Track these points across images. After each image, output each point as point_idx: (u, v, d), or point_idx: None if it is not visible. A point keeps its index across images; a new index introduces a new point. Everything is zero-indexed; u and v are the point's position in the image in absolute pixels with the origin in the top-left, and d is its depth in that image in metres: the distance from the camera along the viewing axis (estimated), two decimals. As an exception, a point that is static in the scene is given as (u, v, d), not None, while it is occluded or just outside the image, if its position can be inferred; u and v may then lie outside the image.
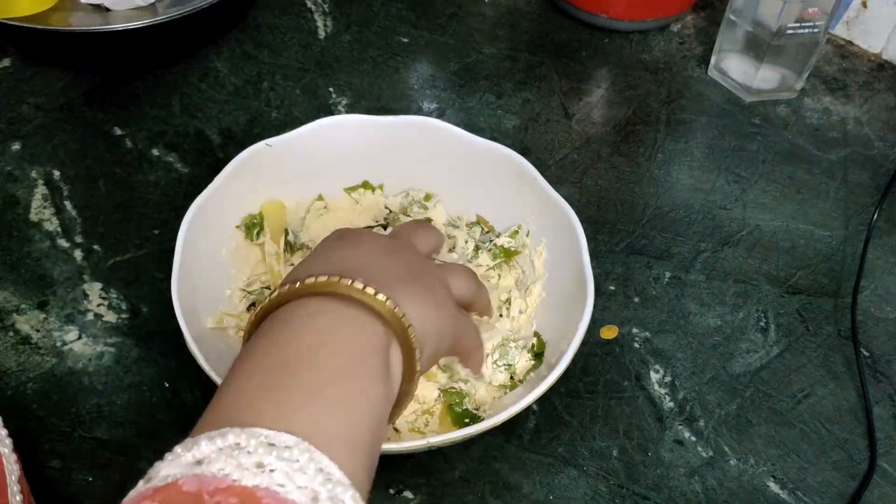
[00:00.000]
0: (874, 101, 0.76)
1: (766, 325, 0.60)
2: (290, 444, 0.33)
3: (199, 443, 0.33)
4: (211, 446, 0.32)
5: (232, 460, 0.32)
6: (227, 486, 0.31)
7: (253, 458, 0.32)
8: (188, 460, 0.32)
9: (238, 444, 0.32)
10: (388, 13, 0.79)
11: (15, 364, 0.54)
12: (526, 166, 0.57)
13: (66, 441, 0.51)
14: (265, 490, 0.31)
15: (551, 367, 0.48)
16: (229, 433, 0.33)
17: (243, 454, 0.32)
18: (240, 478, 0.31)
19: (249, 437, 0.33)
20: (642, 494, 0.52)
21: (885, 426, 0.56)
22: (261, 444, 0.32)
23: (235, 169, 0.55)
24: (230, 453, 0.32)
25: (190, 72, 0.72)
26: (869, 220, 0.65)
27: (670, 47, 0.79)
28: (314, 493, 0.32)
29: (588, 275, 0.52)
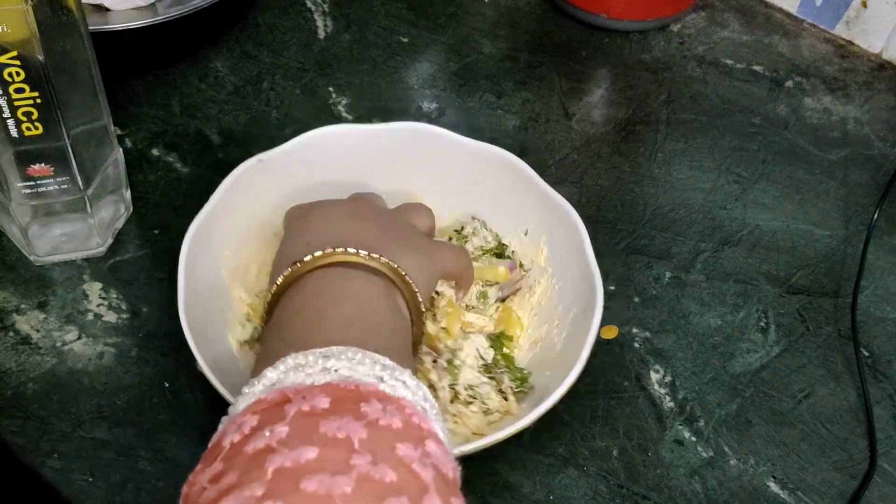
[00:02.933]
0: (874, 101, 0.76)
1: (767, 325, 0.60)
2: (343, 350, 0.37)
3: (264, 375, 0.37)
4: (276, 372, 0.37)
5: (300, 373, 0.36)
6: (305, 387, 0.35)
7: (316, 367, 0.36)
8: (260, 389, 0.36)
9: (299, 363, 0.37)
10: (388, 13, 0.79)
11: (15, 364, 0.54)
12: (521, 166, 0.57)
13: (66, 441, 0.51)
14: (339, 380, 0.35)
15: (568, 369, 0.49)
16: (288, 358, 0.37)
17: (307, 367, 0.36)
18: (313, 381, 0.35)
19: (307, 356, 0.37)
20: (642, 494, 0.52)
21: (885, 426, 0.56)
22: (319, 357, 0.37)
23: (228, 189, 0.55)
24: (296, 370, 0.36)
25: (190, 72, 0.72)
26: (869, 220, 0.65)
27: (670, 47, 0.79)
28: (378, 376, 0.36)
29: (594, 270, 0.52)
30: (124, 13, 0.66)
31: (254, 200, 0.56)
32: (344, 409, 0.33)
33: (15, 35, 0.48)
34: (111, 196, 0.60)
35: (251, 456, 0.32)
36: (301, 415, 0.33)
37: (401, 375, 0.37)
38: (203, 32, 0.73)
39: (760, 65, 0.78)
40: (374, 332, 0.42)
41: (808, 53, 0.79)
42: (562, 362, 0.51)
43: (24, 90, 0.50)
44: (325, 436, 0.32)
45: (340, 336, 0.40)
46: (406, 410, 0.35)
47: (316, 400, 0.34)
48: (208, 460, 0.34)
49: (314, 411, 0.33)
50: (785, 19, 0.82)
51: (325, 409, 0.33)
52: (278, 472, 0.30)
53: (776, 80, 0.77)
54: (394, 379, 0.36)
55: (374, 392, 0.35)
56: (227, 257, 0.55)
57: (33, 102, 0.51)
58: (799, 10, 0.81)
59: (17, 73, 0.49)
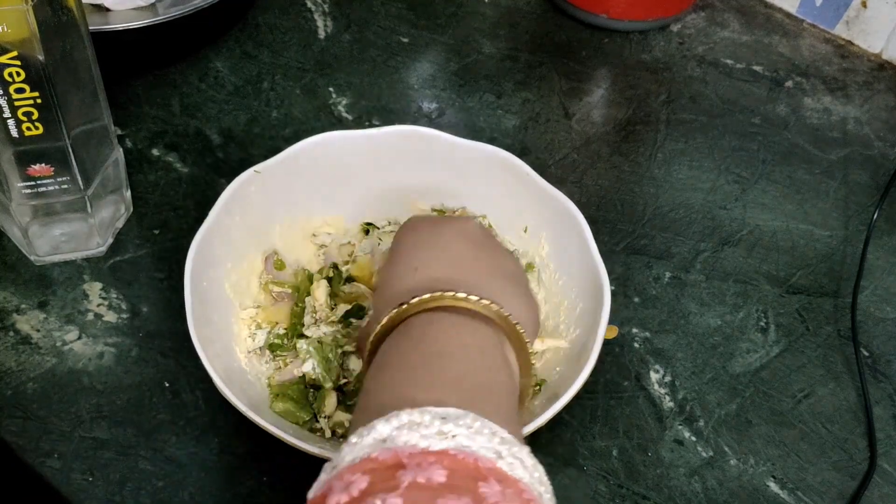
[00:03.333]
0: (874, 101, 0.76)
1: (766, 325, 0.60)
2: (462, 415, 0.34)
3: (374, 426, 0.34)
4: (388, 426, 0.34)
5: (415, 433, 0.33)
6: (420, 451, 0.32)
7: (432, 429, 0.33)
8: (370, 442, 0.34)
9: (414, 420, 0.34)
10: (388, 13, 0.79)
11: (15, 364, 0.54)
12: (518, 164, 0.57)
13: (66, 441, 0.51)
14: (456, 449, 0.32)
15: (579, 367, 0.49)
16: (402, 414, 0.34)
17: (422, 427, 0.33)
18: (428, 445, 0.33)
19: (423, 414, 0.34)
20: (642, 494, 0.52)
21: (885, 426, 0.56)
22: (436, 418, 0.34)
23: (227, 201, 0.54)
24: (410, 428, 0.33)
25: (190, 72, 0.72)
26: (869, 219, 0.65)
27: (670, 47, 0.79)
28: (497, 451, 0.33)
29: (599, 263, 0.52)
30: (124, 13, 0.66)
31: (253, 211, 0.56)
32: (462, 488, 0.31)
33: (15, 35, 0.48)
34: (111, 196, 0.60)
35: None
36: (416, 487, 0.30)
37: (519, 452, 0.34)
38: (203, 32, 0.73)
39: (760, 65, 0.78)
40: (487, 392, 0.39)
41: (808, 53, 0.79)
42: (573, 359, 0.51)
43: (25, 90, 0.50)
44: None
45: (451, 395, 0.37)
46: (524, 496, 0.32)
47: (432, 471, 0.31)
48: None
49: (430, 485, 0.31)
50: (785, 19, 0.82)
51: (442, 483, 0.31)
52: None
53: (776, 80, 0.77)
54: (512, 456, 0.34)
55: (493, 470, 0.32)
56: (228, 269, 0.54)
57: (33, 102, 0.51)
58: (799, 10, 0.81)
59: (17, 73, 0.49)
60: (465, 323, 0.43)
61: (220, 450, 0.52)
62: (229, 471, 0.51)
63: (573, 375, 0.48)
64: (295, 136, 0.68)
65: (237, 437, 0.52)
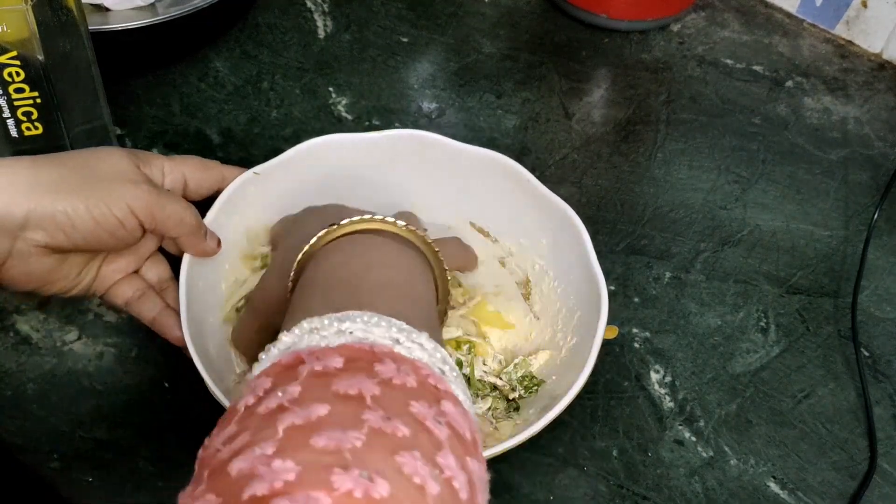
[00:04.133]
0: (874, 101, 0.76)
1: (767, 325, 0.60)
2: (360, 314, 0.37)
3: (280, 340, 0.37)
4: (290, 336, 0.36)
5: (314, 336, 0.36)
6: (320, 349, 0.34)
7: (331, 330, 0.36)
8: (275, 353, 0.36)
9: (314, 327, 0.36)
10: (388, 13, 0.79)
11: (15, 364, 0.54)
12: (519, 169, 0.57)
13: (66, 441, 0.51)
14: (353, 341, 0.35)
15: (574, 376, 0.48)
16: (303, 322, 0.37)
17: (322, 331, 0.36)
18: (327, 344, 0.35)
19: (322, 319, 0.36)
20: (642, 494, 0.52)
21: (885, 426, 0.56)
22: (334, 320, 0.36)
23: (226, 203, 0.54)
24: (310, 333, 0.36)
25: (190, 72, 0.72)
26: (869, 219, 0.65)
27: (670, 47, 0.79)
28: (394, 339, 0.36)
29: (597, 271, 0.52)
30: (124, 13, 0.66)
31: (251, 213, 0.56)
32: (357, 369, 0.33)
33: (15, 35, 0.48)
34: (111, 196, 0.59)
35: (263, 416, 0.32)
36: (314, 374, 0.33)
37: (417, 338, 0.36)
38: (203, 32, 0.73)
39: (760, 65, 0.78)
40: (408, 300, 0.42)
41: (808, 53, 0.79)
42: (569, 366, 0.51)
43: (24, 90, 0.50)
44: (337, 393, 0.32)
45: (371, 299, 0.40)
46: (421, 371, 0.34)
47: (329, 360, 0.33)
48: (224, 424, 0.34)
49: (327, 371, 0.33)
50: (785, 19, 0.82)
51: (339, 368, 0.33)
52: (289, 430, 0.30)
53: (776, 80, 0.77)
54: (410, 341, 0.36)
55: (389, 353, 0.35)
56: (226, 270, 0.54)
57: (33, 102, 0.51)
58: (799, 10, 0.81)
59: (17, 73, 0.49)
60: (391, 244, 0.46)
61: (220, 450, 0.52)
62: (229, 471, 0.51)
63: (569, 384, 0.48)
64: (295, 135, 0.68)
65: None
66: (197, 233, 0.50)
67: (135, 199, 0.47)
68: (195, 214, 0.50)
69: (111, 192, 0.46)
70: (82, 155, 0.48)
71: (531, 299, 0.57)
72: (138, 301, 0.51)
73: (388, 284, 0.43)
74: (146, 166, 0.50)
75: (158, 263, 0.53)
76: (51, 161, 0.46)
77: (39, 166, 0.45)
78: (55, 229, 0.45)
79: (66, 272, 0.48)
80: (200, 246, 0.51)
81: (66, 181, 0.45)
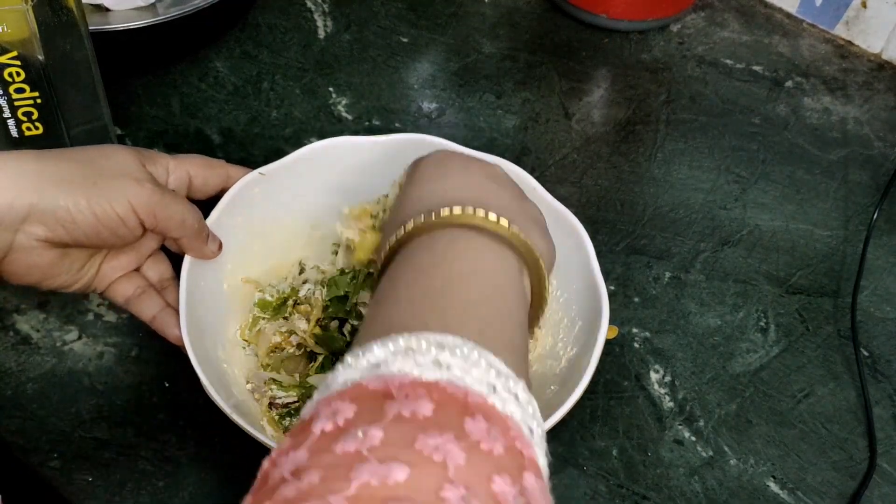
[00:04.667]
0: (874, 101, 0.76)
1: (766, 325, 0.60)
2: (460, 344, 0.34)
3: (371, 349, 0.34)
4: (384, 350, 0.34)
5: (409, 360, 0.33)
6: (410, 382, 0.32)
7: (428, 357, 0.33)
8: (364, 365, 0.34)
9: (410, 347, 0.33)
10: (388, 13, 0.79)
11: (15, 364, 0.54)
12: (524, 176, 0.56)
13: (66, 441, 0.51)
14: (447, 382, 0.32)
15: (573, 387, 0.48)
16: (399, 338, 0.34)
17: (418, 355, 0.33)
18: (420, 374, 0.32)
19: (420, 340, 0.34)
20: (642, 494, 0.52)
21: (884, 426, 0.56)
22: (433, 345, 0.33)
23: (230, 203, 0.54)
24: (405, 355, 0.33)
25: (190, 72, 0.72)
26: (869, 219, 0.65)
27: (670, 47, 0.79)
28: (490, 385, 0.33)
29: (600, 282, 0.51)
30: (124, 13, 0.66)
31: (255, 214, 0.56)
32: (447, 424, 0.31)
33: (15, 35, 0.48)
34: (111, 196, 0.59)
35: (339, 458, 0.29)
36: (400, 420, 0.30)
37: (514, 387, 0.34)
38: (203, 32, 0.73)
39: (760, 65, 0.78)
40: (498, 320, 0.39)
41: (807, 53, 0.79)
42: (567, 378, 0.50)
43: (25, 90, 0.50)
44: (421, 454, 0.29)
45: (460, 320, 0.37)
46: (511, 433, 0.32)
47: (419, 404, 0.31)
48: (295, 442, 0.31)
49: (415, 418, 0.31)
50: (785, 19, 0.82)
51: (427, 417, 0.31)
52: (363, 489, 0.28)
53: (776, 80, 0.77)
54: (506, 391, 0.33)
55: (482, 406, 0.32)
56: (228, 270, 0.54)
57: (33, 102, 0.51)
58: (799, 11, 0.81)
59: (17, 73, 0.49)
60: (490, 247, 0.42)
61: (220, 450, 0.52)
62: (229, 471, 0.51)
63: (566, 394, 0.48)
64: (295, 135, 0.68)
65: (237, 437, 0.52)
66: (198, 235, 0.50)
67: (137, 197, 0.46)
68: (198, 217, 0.50)
69: (114, 189, 0.46)
70: (88, 151, 0.48)
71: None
72: (138, 299, 0.51)
73: (480, 302, 0.39)
74: (151, 164, 0.50)
75: (160, 262, 0.53)
76: (56, 156, 0.46)
77: (45, 161, 0.45)
78: (56, 224, 0.45)
79: (68, 267, 0.48)
80: (201, 249, 0.51)
81: (69, 176, 0.45)
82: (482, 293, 0.40)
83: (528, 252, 0.43)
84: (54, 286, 0.49)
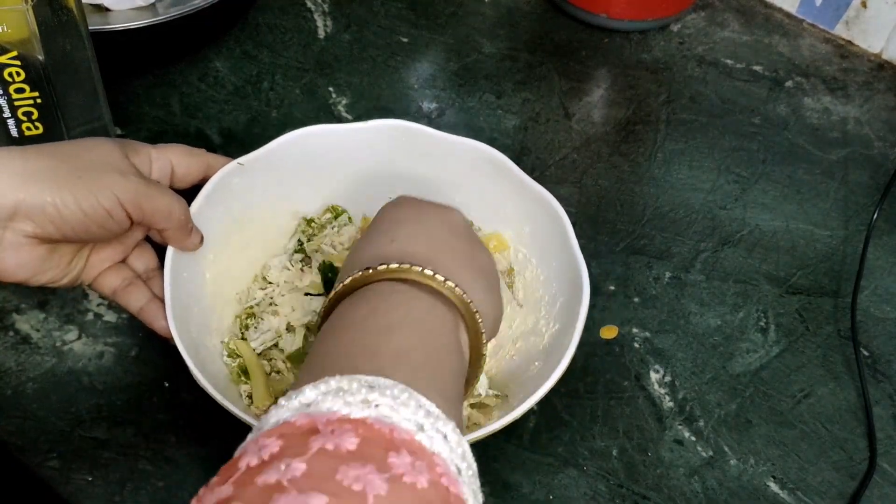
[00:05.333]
0: (874, 101, 0.76)
1: (766, 325, 0.60)
2: (391, 385, 0.35)
3: (303, 391, 0.34)
4: (315, 391, 0.34)
5: (339, 399, 0.33)
6: (337, 418, 0.32)
7: (357, 396, 0.34)
8: (295, 405, 0.34)
9: (341, 387, 0.34)
10: (388, 13, 0.79)
11: (15, 364, 0.54)
12: (500, 158, 0.56)
13: (65, 441, 0.51)
14: (375, 419, 0.33)
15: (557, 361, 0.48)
16: (331, 380, 0.35)
17: (348, 395, 0.34)
18: (348, 412, 0.33)
19: (351, 381, 0.34)
20: (642, 494, 0.52)
21: (885, 426, 0.56)
22: (363, 386, 0.34)
23: (211, 193, 0.54)
24: (336, 395, 0.34)
25: (190, 72, 0.72)
26: (869, 219, 0.65)
27: (670, 47, 0.79)
28: (419, 424, 0.34)
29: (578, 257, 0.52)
30: (124, 13, 0.66)
31: (235, 203, 0.56)
32: (369, 456, 0.31)
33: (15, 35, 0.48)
34: (111, 196, 0.59)
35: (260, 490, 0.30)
36: (323, 453, 0.31)
37: (443, 427, 0.34)
38: (203, 32, 0.73)
39: (760, 65, 0.78)
40: (430, 369, 0.40)
41: (807, 53, 0.79)
42: (551, 353, 0.51)
43: (25, 90, 0.50)
44: (340, 484, 0.29)
45: (392, 364, 0.38)
46: (437, 469, 0.32)
47: (343, 438, 0.31)
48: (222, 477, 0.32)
49: (338, 451, 0.31)
50: (785, 19, 0.82)
51: (350, 451, 0.31)
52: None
53: (776, 80, 0.77)
54: (435, 430, 0.34)
55: (408, 441, 0.32)
56: (210, 260, 0.55)
57: (33, 102, 0.51)
58: (799, 10, 0.81)
59: (17, 73, 0.49)
60: (424, 299, 0.43)
61: (220, 450, 0.52)
62: (229, 471, 0.51)
63: (550, 369, 0.48)
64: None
65: (237, 437, 0.52)
66: (184, 227, 0.50)
67: (123, 190, 0.46)
68: (184, 208, 0.50)
69: (100, 183, 0.46)
70: (72, 145, 0.48)
71: (514, 287, 0.57)
72: (125, 290, 0.51)
73: (412, 349, 0.40)
74: (134, 155, 0.49)
75: (145, 252, 0.53)
76: (40, 151, 0.46)
77: (29, 157, 0.45)
78: (44, 220, 0.45)
79: (57, 261, 0.48)
80: (185, 241, 0.51)
81: (55, 172, 0.45)
82: (414, 341, 0.41)
83: (464, 306, 0.44)
84: (44, 281, 0.48)
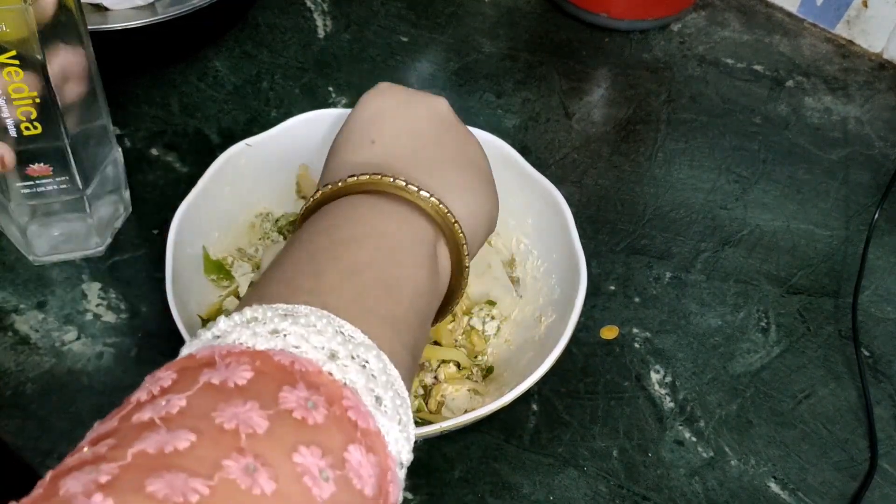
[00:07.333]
0: (875, 101, 0.75)
1: (767, 326, 0.60)
2: (307, 313, 0.32)
3: (217, 322, 0.33)
4: (228, 322, 0.32)
5: (247, 330, 0.32)
6: (238, 351, 0.30)
7: (268, 326, 0.32)
8: (206, 338, 0.32)
9: (255, 317, 0.32)
10: (387, 13, 0.79)
11: (14, 364, 0.54)
12: (506, 148, 0.57)
13: (65, 441, 0.51)
14: (279, 350, 0.30)
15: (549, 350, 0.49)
16: (247, 310, 0.33)
17: (259, 325, 0.32)
18: (253, 344, 0.31)
19: (266, 311, 0.32)
20: (642, 495, 0.52)
21: (885, 426, 0.55)
22: (276, 315, 0.32)
23: (217, 172, 0.55)
24: (246, 325, 0.32)
25: (189, 71, 0.72)
26: (869, 219, 0.65)
27: (670, 47, 0.79)
28: (332, 351, 0.31)
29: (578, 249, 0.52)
30: (124, 13, 0.66)
31: (241, 182, 0.57)
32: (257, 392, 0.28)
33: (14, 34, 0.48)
34: (110, 196, 0.60)
35: (134, 426, 0.28)
36: (208, 388, 0.28)
37: (364, 353, 0.32)
38: (203, 32, 0.73)
39: (761, 64, 0.78)
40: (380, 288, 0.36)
41: (808, 53, 0.79)
42: (545, 343, 0.51)
43: (24, 90, 0.50)
44: (212, 422, 0.27)
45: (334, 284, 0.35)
46: (342, 402, 0.30)
47: (236, 371, 0.29)
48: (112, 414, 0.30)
49: (223, 387, 0.28)
50: (785, 19, 0.82)
51: (239, 385, 0.29)
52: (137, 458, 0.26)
53: (777, 79, 0.76)
54: (349, 357, 0.31)
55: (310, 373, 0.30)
56: (215, 238, 0.56)
57: (32, 102, 0.50)
58: (799, 10, 0.81)
59: (15, 73, 0.49)
60: (397, 212, 0.40)
61: (219, 450, 0.52)
62: (229, 471, 0.51)
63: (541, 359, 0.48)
64: (295, 135, 0.68)
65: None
66: None
67: None
68: None
69: None
70: None
71: (515, 277, 0.58)
72: None
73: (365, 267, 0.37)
74: None
75: None
76: None
77: None
78: None
79: None
80: None
81: None
82: (369, 258, 0.38)
83: (441, 217, 0.40)
84: None
